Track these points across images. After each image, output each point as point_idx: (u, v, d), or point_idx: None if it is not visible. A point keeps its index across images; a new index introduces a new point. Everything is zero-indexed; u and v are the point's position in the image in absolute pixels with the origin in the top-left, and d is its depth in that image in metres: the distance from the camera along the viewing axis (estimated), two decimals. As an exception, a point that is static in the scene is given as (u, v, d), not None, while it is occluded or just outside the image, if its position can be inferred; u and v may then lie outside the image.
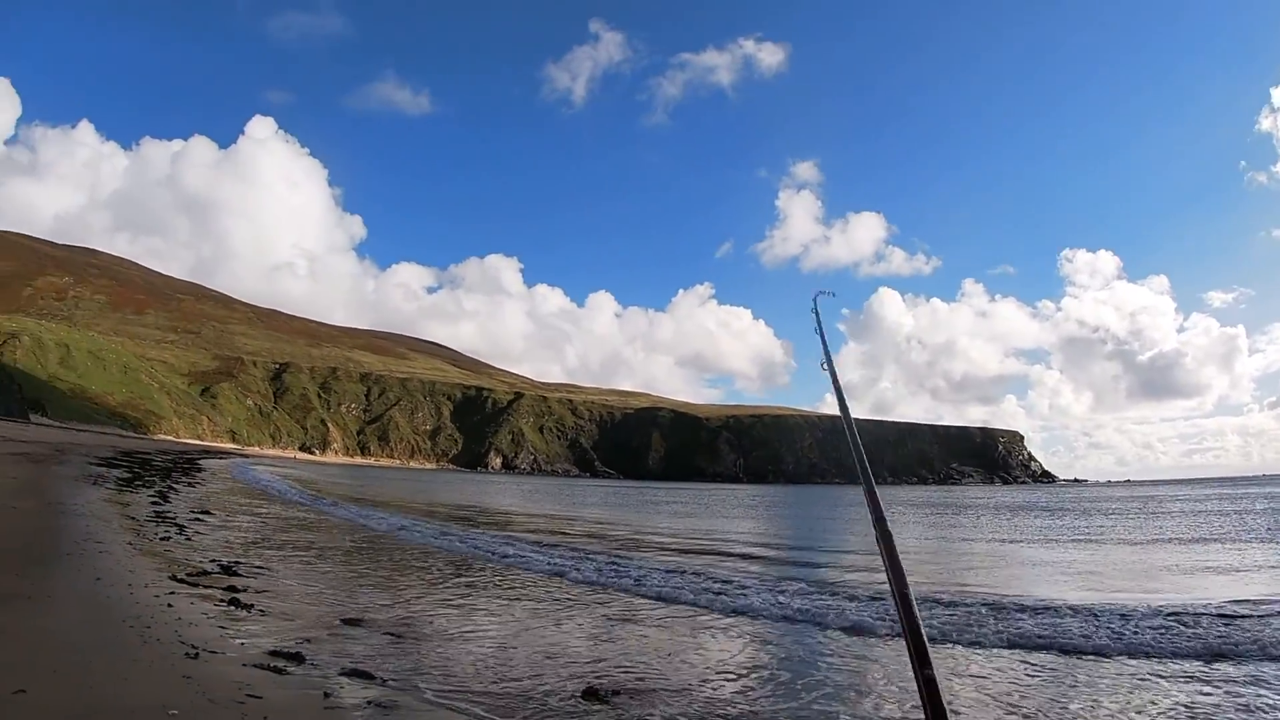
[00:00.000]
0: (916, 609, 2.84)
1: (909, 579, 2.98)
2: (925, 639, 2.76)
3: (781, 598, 12.69)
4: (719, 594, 13.01)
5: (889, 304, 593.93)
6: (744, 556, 21.30)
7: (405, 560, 16.29)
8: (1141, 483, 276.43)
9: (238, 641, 7.48)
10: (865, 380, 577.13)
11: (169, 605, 8.39)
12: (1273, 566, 19.30)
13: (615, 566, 16.26)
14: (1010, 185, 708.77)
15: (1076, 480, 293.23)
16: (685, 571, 15.77)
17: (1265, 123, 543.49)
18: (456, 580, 13.93)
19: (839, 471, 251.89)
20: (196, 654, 6.45)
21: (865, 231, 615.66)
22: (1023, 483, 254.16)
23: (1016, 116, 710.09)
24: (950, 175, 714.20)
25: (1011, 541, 28.58)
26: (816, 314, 5.40)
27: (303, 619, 9.18)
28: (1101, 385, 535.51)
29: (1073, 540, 28.62)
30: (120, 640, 6.60)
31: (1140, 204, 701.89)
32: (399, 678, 6.91)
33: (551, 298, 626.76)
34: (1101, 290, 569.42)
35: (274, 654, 7.08)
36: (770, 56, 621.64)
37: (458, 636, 9.07)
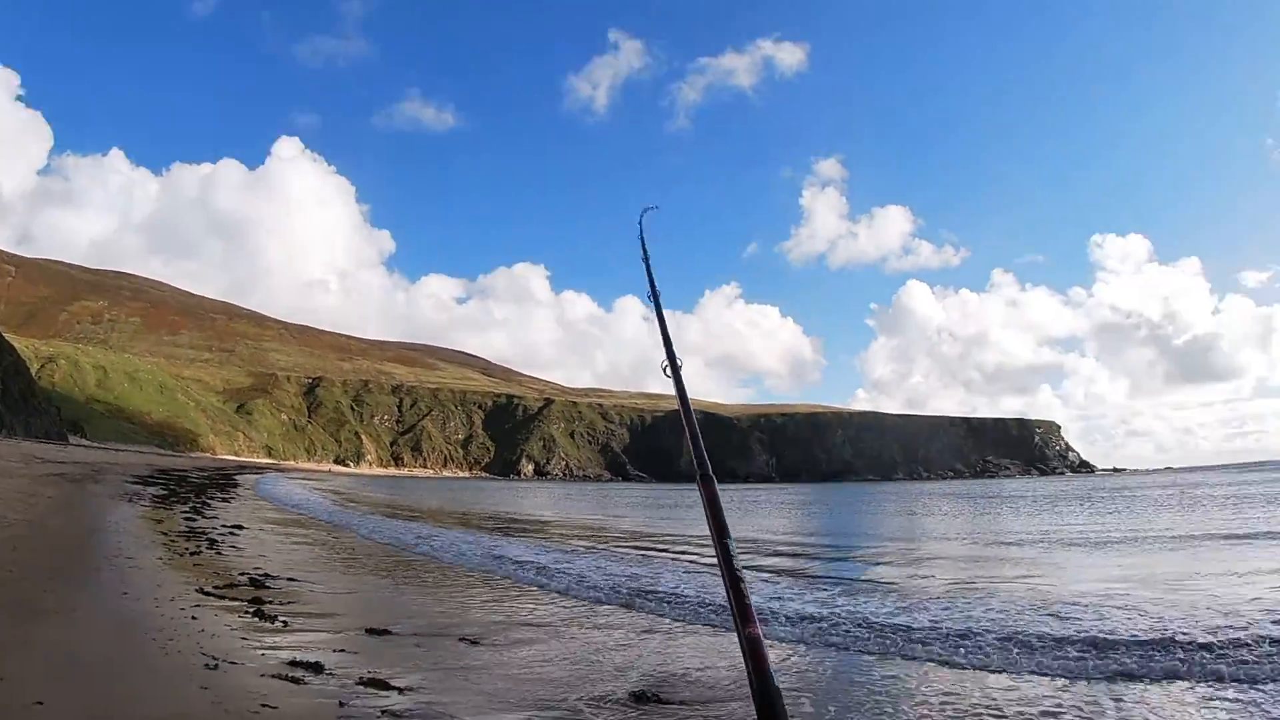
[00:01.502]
0: (738, 564, 2.75)
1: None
2: (748, 597, 2.66)
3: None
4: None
5: (918, 297, 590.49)
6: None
7: (436, 571, 16.27)
8: (1182, 469, 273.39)
9: (258, 652, 7.51)
10: (896, 375, 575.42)
11: (193, 618, 8.46)
12: None
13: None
14: (1036, 173, 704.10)
15: (1116, 469, 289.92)
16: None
17: None
18: (487, 590, 13.92)
19: (873, 467, 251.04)
20: (216, 665, 6.49)
21: (891, 225, 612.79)
22: (1061, 473, 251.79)
23: (1038, 104, 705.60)
24: (975, 166, 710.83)
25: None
26: (642, 237, 5.03)
27: (328, 629, 9.20)
28: (1137, 371, 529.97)
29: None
30: (141, 652, 6.67)
31: (1168, 186, 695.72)
32: (417, 687, 6.87)
33: (579, 303, 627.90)
34: (1134, 275, 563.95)
35: (293, 664, 7.09)
36: (789, 56, 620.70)
37: (489, 647, 8.99)
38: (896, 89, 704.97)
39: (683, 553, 20.81)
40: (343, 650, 8.09)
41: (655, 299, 4.61)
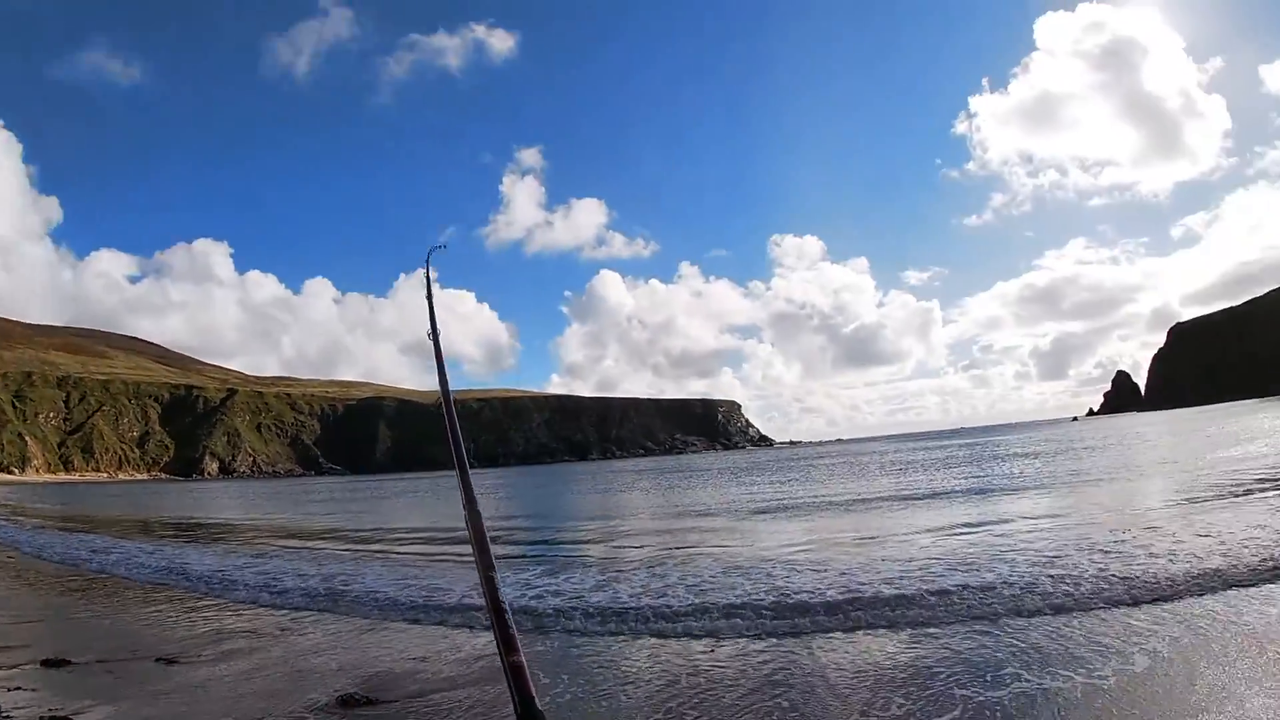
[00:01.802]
0: (502, 594, 2.77)
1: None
2: (512, 626, 2.66)
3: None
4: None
5: (610, 285, 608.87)
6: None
7: (121, 589, 14.85)
8: (851, 440, 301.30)
9: None
10: (589, 359, 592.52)
11: None
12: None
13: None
14: (723, 174, 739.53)
15: (793, 442, 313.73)
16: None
17: (961, 126, 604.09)
18: (180, 605, 13.06)
19: (569, 449, 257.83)
20: None
21: (587, 217, 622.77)
22: (743, 447, 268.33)
23: (727, 109, 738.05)
24: (667, 165, 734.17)
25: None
26: (427, 275, 5.16)
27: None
28: (810, 356, 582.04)
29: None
30: None
31: (844, 194, 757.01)
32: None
33: (265, 285, 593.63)
34: (808, 271, 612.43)
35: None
36: (500, 43, 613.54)
37: (188, 664, 8.24)
38: (598, 85, 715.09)
39: (386, 551, 20.43)
40: (19, 688, 7.13)
41: (435, 338, 4.58)
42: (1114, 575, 9.66)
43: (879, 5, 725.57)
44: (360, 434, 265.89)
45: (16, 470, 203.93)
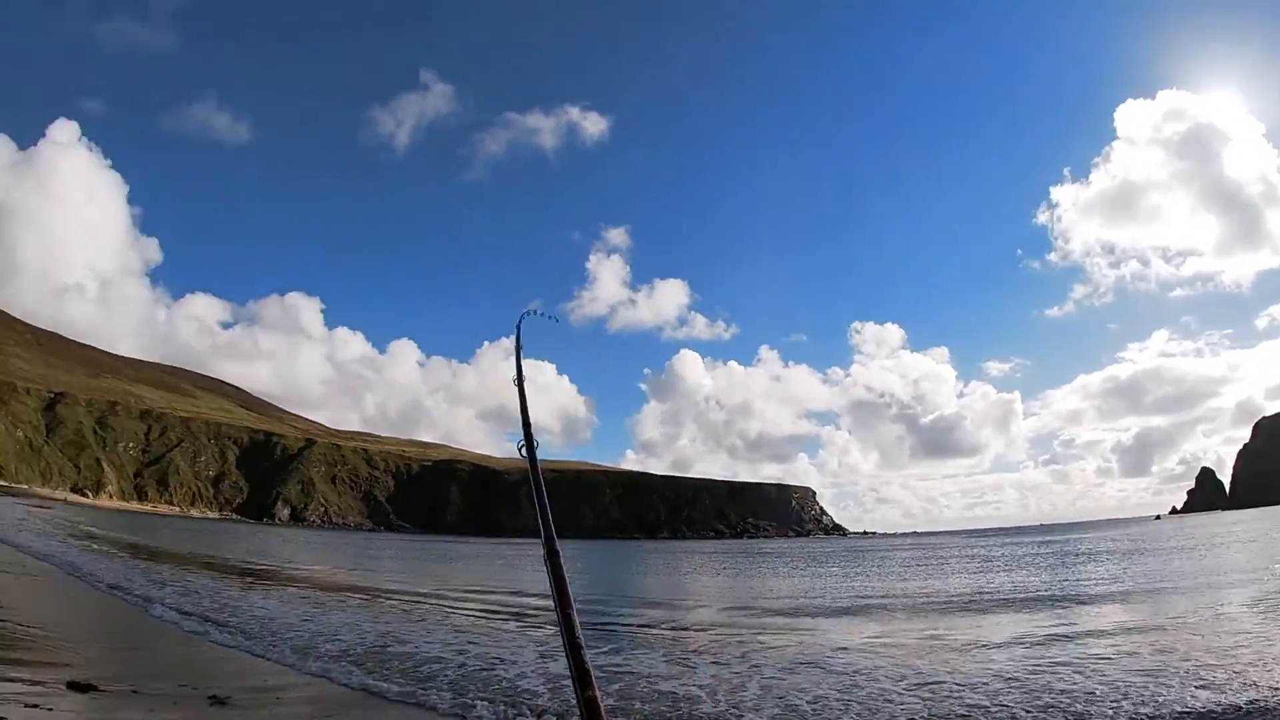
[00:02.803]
0: (579, 631, 2.89)
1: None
2: (588, 662, 2.76)
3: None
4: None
5: (690, 365, 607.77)
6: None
7: (172, 626, 14.93)
8: (926, 533, 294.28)
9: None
10: (665, 438, 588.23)
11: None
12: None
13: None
14: (805, 259, 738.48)
15: (866, 532, 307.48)
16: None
17: (1042, 216, 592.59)
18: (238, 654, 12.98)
19: (639, 527, 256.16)
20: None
21: (669, 297, 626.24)
22: (815, 535, 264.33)
23: (812, 194, 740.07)
24: (749, 248, 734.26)
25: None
26: (518, 335, 5.33)
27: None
28: (887, 445, 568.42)
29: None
30: None
31: (926, 282, 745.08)
32: None
33: (353, 342, 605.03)
34: (887, 359, 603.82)
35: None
36: (593, 125, 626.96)
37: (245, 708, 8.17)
38: (685, 168, 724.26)
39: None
40: (35, 705, 7.03)
41: (520, 385, 4.98)
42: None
43: (961, 94, 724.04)
44: (432, 495, 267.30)
45: (90, 494, 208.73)
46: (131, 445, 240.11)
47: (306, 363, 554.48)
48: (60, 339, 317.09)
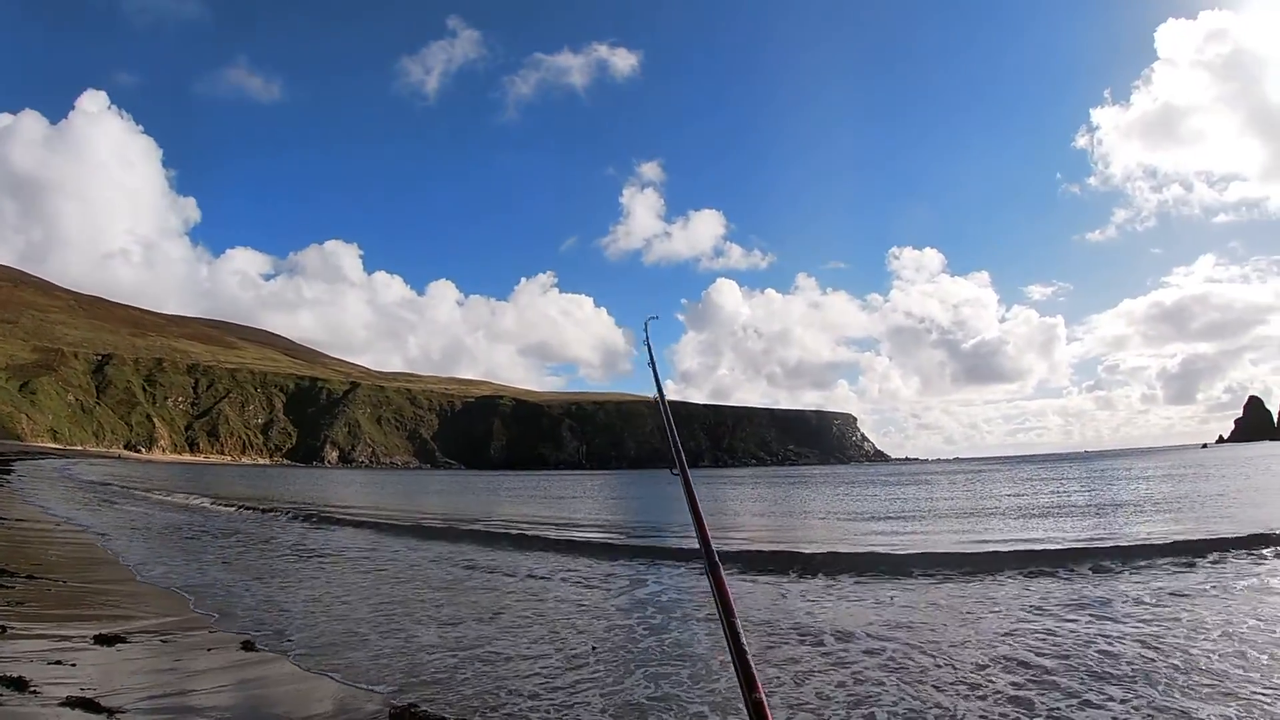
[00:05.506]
0: (744, 637, 2.79)
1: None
2: (752, 664, 2.67)
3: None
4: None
5: (727, 294, 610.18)
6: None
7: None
8: (969, 459, 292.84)
9: None
10: (703, 367, 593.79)
11: None
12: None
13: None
14: (841, 186, 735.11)
15: (908, 459, 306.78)
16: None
17: (1081, 140, 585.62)
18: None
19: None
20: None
21: (705, 228, 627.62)
22: (857, 462, 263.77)
23: (847, 121, 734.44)
24: (785, 177, 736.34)
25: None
26: (648, 344, 5.49)
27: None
28: (928, 371, 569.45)
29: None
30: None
31: (964, 207, 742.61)
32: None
33: (392, 286, 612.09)
34: (927, 284, 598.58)
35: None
36: (623, 61, 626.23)
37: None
38: (718, 100, 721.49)
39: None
40: (58, 662, 6.70)
41: (661, 399, 4.76)
42: None
43: (998, 17, 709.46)
44: (476, 431, 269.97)
45: (144, 449, 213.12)
46: (181, 399, 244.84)
47: (349, 308, 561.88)
48: (104, 302, 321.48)
